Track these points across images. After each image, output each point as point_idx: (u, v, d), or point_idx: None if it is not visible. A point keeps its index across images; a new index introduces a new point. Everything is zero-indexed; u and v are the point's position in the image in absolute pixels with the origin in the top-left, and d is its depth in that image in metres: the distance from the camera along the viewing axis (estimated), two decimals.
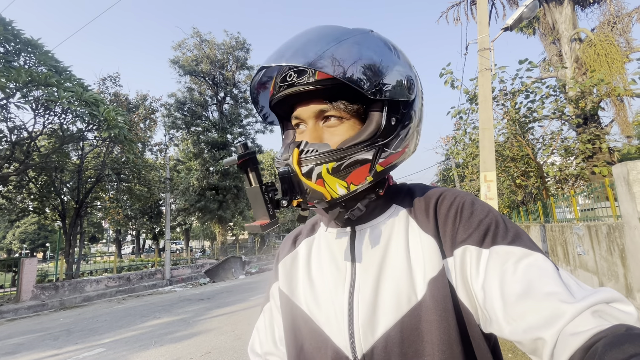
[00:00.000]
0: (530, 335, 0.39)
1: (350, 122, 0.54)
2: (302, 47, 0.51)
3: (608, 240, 4.55)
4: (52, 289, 10.35)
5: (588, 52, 8.29)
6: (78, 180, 12.10)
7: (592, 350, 0.32)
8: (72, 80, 9.02)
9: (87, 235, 31.95)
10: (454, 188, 0.60)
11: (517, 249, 0.46)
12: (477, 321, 0.48)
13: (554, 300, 0.39)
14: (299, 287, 0.61)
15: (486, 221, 0.50)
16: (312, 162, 0.50)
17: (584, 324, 0.36)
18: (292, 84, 0.53)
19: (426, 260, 0.50)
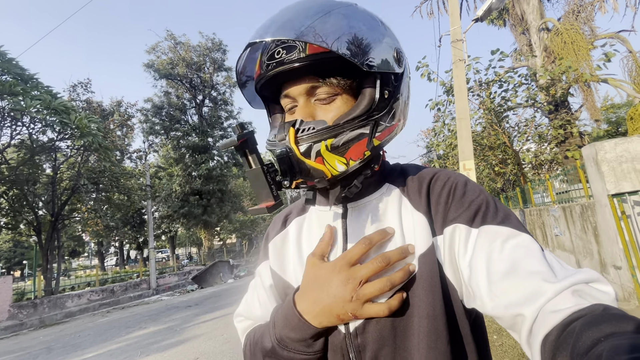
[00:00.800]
0: (511, 311, 0.40)
1: (343, 97, 0.53)
2: (289, 20, 0.48)
3: (582, 219, 4.73)
4: (31, 307, 9.90)
5: (555, 40, 8.59)
6: (52, 193, 11.60)
7: (570, 328, 0.33)
8: (40, 88, 8.64)
9: (66, 249, 30.77)
10: (446, 169, 0.60)
11: (505, 229, 0.47)
12: (460, 297, 0.50)
13: (537, 279, 0.40)
14: (290, 266, 0.60)
15: (477, 201, 0.51)
16: (311, 140, 0.48)
17: (563, 302, 0.37)
18: (282, 61, 0.50)
19: (417, 238, 0.51)
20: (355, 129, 0.50)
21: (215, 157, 21.73)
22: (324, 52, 0.49)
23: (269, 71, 0.51)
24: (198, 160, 20.25)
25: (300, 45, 0.49)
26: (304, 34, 0.46)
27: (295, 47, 0.50)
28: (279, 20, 0.49)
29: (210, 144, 21.37)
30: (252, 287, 0.70)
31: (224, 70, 22.65)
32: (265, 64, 0.52)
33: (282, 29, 0.47)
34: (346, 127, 0.49)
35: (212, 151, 21.51)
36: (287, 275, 0.60)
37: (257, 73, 0.55)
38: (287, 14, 0.50)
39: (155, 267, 14.24)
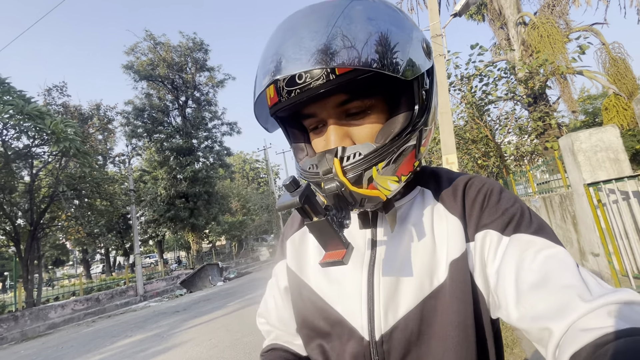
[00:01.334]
0: (538, 325, 0.38)
1: (377, 108, 0.48)
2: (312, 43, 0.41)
3: (561, 209, 4.84)
4: (11, 320, 9.55)
5: (532, 34, 8.77)
6: (31, 201, 11.19)
7: (604, 350, 0.30)
8: (12, 93, 8.30)
9: (49, 258, 29.84)
10: (480, 175, 0.58)
11: (539, 240, 0.45)
12: (487, 306, 0.49)
13: (570, 293, 0.38)
14: (309, 265, 0.58)
15: (512, 210, 0.49)
16: (361, 168, 0.44)
17: (597, 321, 0.34)
18: (308, 86, 0.43)
19: (450, 242, 0.49)
20: (404, 143, 0.46)
21: (200, 159, 21.40)
22: (354, 71, 0.43)
23: (293, 99, 0.45)
24: (183, 162, 19.89)
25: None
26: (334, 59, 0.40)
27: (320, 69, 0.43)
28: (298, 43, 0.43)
29: (195, 145, 21.02)
30: (269, 287, 0.70)
31: (206, 70, 22.28)
32: (285, 91, 0.45)
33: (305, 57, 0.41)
34: (395, 144, 0.45)
35: (197, 153, 21.16)
36: (304, 274, 0.59)
37: (274, 100, 0.48)
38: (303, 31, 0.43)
39: (142, 273, 13.95)
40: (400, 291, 0.49)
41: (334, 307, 0.53)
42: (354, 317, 0.50)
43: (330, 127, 0.48)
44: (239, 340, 4.72)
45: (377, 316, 0.49)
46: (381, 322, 0.49)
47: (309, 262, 0.59)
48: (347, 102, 0.47)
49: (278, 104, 0.48)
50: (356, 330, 0.50)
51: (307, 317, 0.56)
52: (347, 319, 0.51)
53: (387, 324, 0.48)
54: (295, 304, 0.60)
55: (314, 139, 0.53)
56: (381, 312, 0.49)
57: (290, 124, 0.56)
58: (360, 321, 0.50)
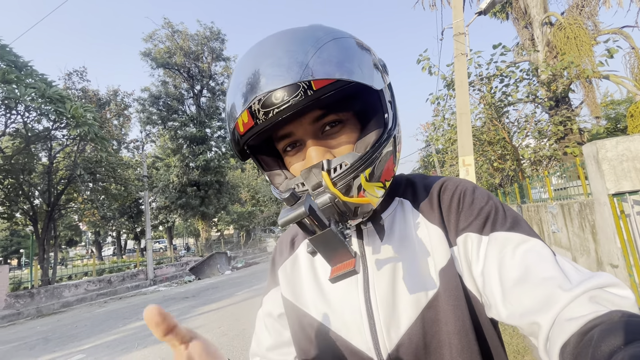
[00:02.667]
0: (526, 320, 0.40)
1: (351, 121, 0.51)
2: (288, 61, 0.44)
3: (580, 217, 4.73)
4: (28, 296, 9.92)
5: (558, 35, 8.49)
6: (48, 182, 11.51)
7: (589, 336, 0.32)
8: (34, 76, 8.49)
9: (63, 238, 30.73)
10: (454, 177, 0.59)
11: (515, 235, 0.46)
12: (483, 307, 0.49)
13: (551, 285, 0.39)
14: (305, 292, 0.57)
15: (486, 209, 0.50)
16: (349, 177, 0.45)
17: (580, 309, 0.35)
18: (287, 103, 0.44)
19: (435, 251, 0.50)
20: (383, 149, 0.48)
21: (213, 148, 21.60)
22: (331, 84, 0.45)
23: (272, 119, 0.45)
24: (196, 151, 20.11)
25: (304, 84, 0.44)
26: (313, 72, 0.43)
27: (297, 86, 0.44)
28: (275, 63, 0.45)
29: (208, 134, 21.20)
30: (259, 318, 0.68)
31: (222, 60, 22.34)
32: (262, 112, 0.45)
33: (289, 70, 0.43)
34: (376, 151, 0.47)
35: (210, 142, 21.35)
36: (301, 302, 0.57)
37: (248, 125, 0.48)
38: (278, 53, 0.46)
39: (152, 257, 14.26)
40: (398, 307, 0.49)
41: (337, 333, 0.52)
42: (358, 340, 0.50)
43: (309, 144, 0.50)
44: (247, 330, 4.80)
45: (380, 335, 0.49)
46: (385, 340, 0.48)
47: (303, 289, 0.58)
48: (323, 117, 0.49)
49: (254, 127, 0.48)
50: (363, 353, 0.49)
51: (310, 347, 0.55)
52: (352, 343, 0.51)
53: (392, 342, 0.48)
54: (294, 335, 0.59)
55: (291, 161, 0.53)
56: (383, 330, 0.49)
57: (261, 152, 0.56)
58: (365, 343, 0.49)
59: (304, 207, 0.38)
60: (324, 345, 0.53)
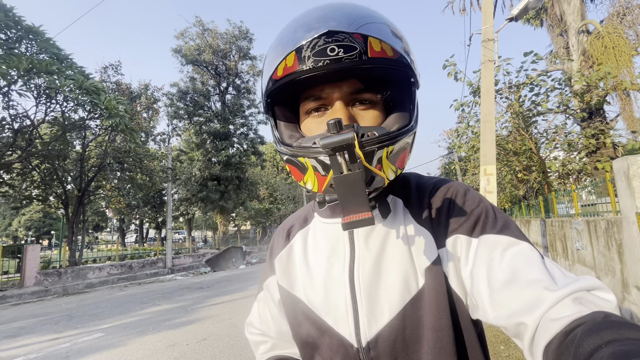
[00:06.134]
0: (513, 321, 0.40)
1: (379, 105, 0.53)
2: (359, 18, 0.45)
3: (606, 235, 4.51)
4: (55, 275, 10.52)
5: (595, 44, 8.11)
6: (80, 169, 12.17)
7: (572, 335, 0.32)
8: (74, 68, 9.00)
9: (90, 223, 32.30)
10: (447, 178, 0.60)
11: (504, 238, 0.47)
12: (466, 308, 0.50)
13: (537, 287, 0.40)
14: (298, 280, 0.60)
15: (477, 211, 0.51)
16: (375, 146, 0.46)
17: (564, 310, 0.36)
18: (339, 59, 0.44)
19: (422, 251, 0.51)
20: (406, 137, 0.50)
21: (235, 145, 22.07)
22: (385, 59, 0.47)
23: (319, 69, 0.45)
24: (219, 146, 20.63)
25: (362, 46, 0.45)
26: (382, 34, 0.45)
27: (354, 47, 0.44)
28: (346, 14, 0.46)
29: (232, 131, 21.68)
30: (262, 301, 0.70)
31: (249, 58, 22.79)
32: (312, 60, 0.45)
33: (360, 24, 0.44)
34: (401, 135, 0.49)
35: (233, 139, 21.83)
36: (295, 290, 0.60)
37: (291, 68, 0.47)
38: (348, 10, 0.47)
39: (171, 247, 14.75)
40: (381, 300, 0.50)
41: (323, 319, 0.54)
42: (342, 327, 0.52)
43: (337, 104, 0.50)
44: None
45: (362, 325, 0.50)
46: (366, 330, 0.50)
47: (297, 277, 0.60)
48: (360, 91, 0.51)
49: (295, 73, 0.47)
50: (345, 339, 0.51)
51: (302, 331, 0.58)
52: (336, 329, 0.53)
53: (372, 332, 0.50)
54: (289, 319, 0.62)
55: (311, 124, 0.53)
56: (365, 320, 0.50)
57: (282, 106, 0.57)
58: (348, 330, 0.51)
59: (352, 134, 0.37)
60: (312, 328, 0.56)
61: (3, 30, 7.92)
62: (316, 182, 0.50)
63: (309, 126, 0.54)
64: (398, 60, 0.48)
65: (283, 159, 0.54)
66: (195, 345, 4.15)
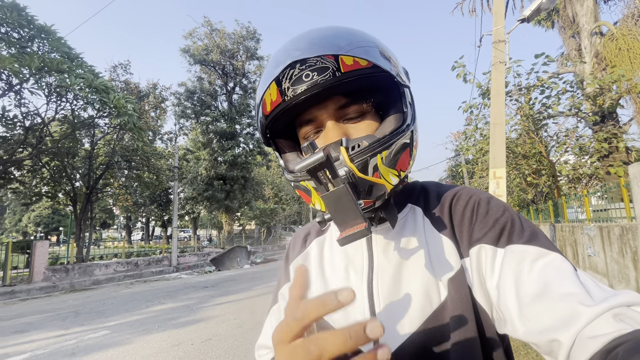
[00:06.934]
0: (545, 337, 0.38)
1: (370, 114, 0.53)
2: (322, 39, 0.48)
3: (620, 242, 4.41)
4: (63, 271, 10.63)
5: (609, 46, 7.96)
6: (89, 166, 12.31)
7: (612, 355, 0.30)
8: (84, 67, 9.11)
9: (98, 220, 32.68)
10: (468, 186, 0.58)
11: (533, 249, 0.45)
12: (492, 321, 0.48)
13: (572, 301, 0.37)
14: (312, 289, 0.59)
15: (502, 220, 0.49)
16: (366, 155, 0.46)
17: (603, 327, 0.34)
18: (315, 83, 0.48)
19: (445, 261, 0.50)
20: (401, 138, 0.49)
21: (241, 145, 22.16)
22: (359, 70, 0.48)
23: (299, 96, 0.48)
24: (225, 146, 20.71)
25: (333, 65, 0.47)
26: (347, 49, 0.46)
27: (327, 67, 0.47)
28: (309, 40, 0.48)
29: (238, 131, 21.77)
30: (275, 314, 0.67)
31: (256, 59, 22.86)
32: (291, 90, 0.49)
33: (323, 46, 0.46)
34: (394, 137, 0.49)
35: (239, 138, 21.90)
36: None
37: (276, 102, 0.51)
38: (312, 36, 0.49)
39: (177, 245, 14.83)
40: (401, 313, 0.49)
41: None
42: None
43: (329, 125, 0.52)
44: (262, 323, 4.87)
45: (382, 338, 0.48)
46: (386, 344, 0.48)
47: (312, 285, 0.59)
48: (346, 105, 0.52)
49: (281, 104, 0.51)
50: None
51: None
52: None
53: (392, 347, 0.48)
54: None
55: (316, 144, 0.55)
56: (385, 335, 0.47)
57: (281, 137, 0.59)
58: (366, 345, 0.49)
59: (322, 153, 0.37)
60: None
61: (16, 30, 8.05)
62: (322, 202, 0.49)
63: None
64: (374, 67, 0.48)
65: (292, 186, 0.56)
66: (200, 345, 4.14)
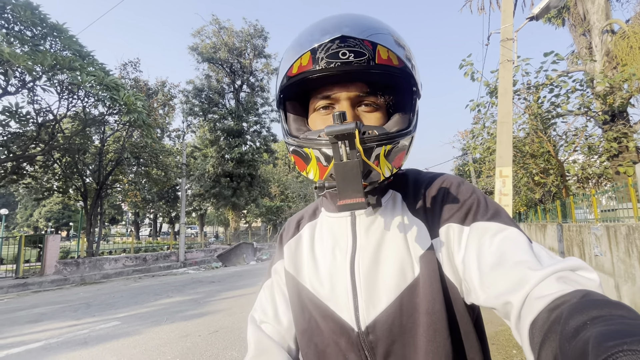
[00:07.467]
0: (500, 301, 0.42)
1: (382, 109, 0.57)
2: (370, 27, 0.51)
3: (627, 241, 4.38)
4: (74, 265, 10.87)
5: (620, 44, 7.83)
6: (99, 163, 12.53)
7: (557, 313, 0.33)
8: (95, 65, 9.26)
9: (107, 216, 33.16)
10: (443, 172, 0.63)
11: (494, 225, 0.50)
12: (461, 294, 0.52)
13: (522, 267, 0.42)
14: (304, 268, 0.63)
15: (469, 201, 0.54)
16: (374, 143, 0.51)
17: (548, 288, 0.38)
18: (349, 62, 0.50)
19: (418, 240, 0.54)
20: (403, 139, 0.54)
21: (248, 142, 22.29)
22: (390, 66, 0.52)
23: (330, 70, 0.51)
24: (232, 143, 20.87)
25: (370, 53, 0.50)
26: (391, 44, 0.50)
27: (364, 53, 0.50)
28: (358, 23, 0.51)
29: (245, 128, 21.91)
30: (268, 287, 0.71)
31: (264, 57, 22.95)
32: (325, 61, 0.50)
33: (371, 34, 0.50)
34: (399, 136, 0.53)
35: (246, 136, 22.05)
36: (300, 276, 0.63)
37: (305, 67, 0.52)
38: (359, 20, 0.53)
39: (184, 241, 15.03)
40: (379, 288, 0.53)
41: (326, 304, 0.57)
42: (343, 312, 0.55)
43: (345, 104, 0.55)
44: None
45: (362, 310, 0.53)
46: (365, 315, 0.53)
47: (303, 265, 0.64)
48: (366, 94, 0.55)
49: (309, 71, 0.52)
50: (347, 323, 0.54)
51: (304, 315, 0.61)
52: (338, 314, 0.56)
53: (370, 317, 0.53)
54: (292, 304, 0.64)
55: (317, 120, 0.58)
56: (364, 306, 0.53)
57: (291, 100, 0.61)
58: (349, 315, 0.55)
59: (354, 124, 0.41)
60: (315, 313, 0.59)
61: (29, 28, 8.22)
62: (317, 171, 0.54)
63: (315, 121, 0.58)
64: (402, 69, 0.52)
65: (289, 150, 0.59)
66: (207, 337, 4.24)
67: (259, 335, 0.65)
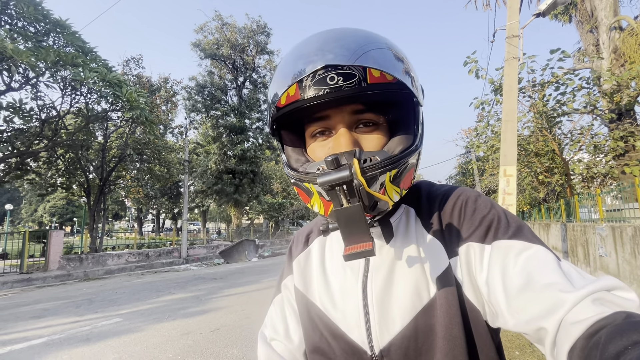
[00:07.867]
0: (532, 326, 0.40)
1: (382, 127, 0.53)
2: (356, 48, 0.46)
3: (633, 242, 4.33)
4: (77, 260, 10.95)
5: (629, 42, 7.71)
6: (102, 159, 12.58)
7: (596, 338, 0.32)
8: (98, 61, 9.26)
9: (110, 212, 33.41)
10: (459, 186, 0.60)
11: (517, 243, 0.47)
12: (484, 317, 0.49)
13: (554, 290, 0.39)
14: (314, 285, 0.61)
15: (489, 217, 0.50)
16: (377, 171, 0.47)
17: (584, 311, 0.35)
18: (339, 87, 0.46)
19: (433, 260, 0.51)
20: (410, 158, 0.50)
21: (250, 139, 22.29)
22: (384, 84, 0.48)
23: (319, 98, 0.47)
24: (234, 140, 20.87)
25: (361, 74, 0.46)
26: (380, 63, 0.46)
27: (354, 75, 0.46)
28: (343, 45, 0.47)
29: (247, 125, 21.89)
30: (279, 303, 0.68)
31: (266, 53, 22.86)
32: (313, 89, 0.46)
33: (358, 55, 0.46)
34: (405, 157, 0.49)
35: (248, 133, 22.03)
36: (310, 293, 0.62)
37: (293, 98, 0.49)
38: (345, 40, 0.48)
39: (187, 238, 15.09)
40: (393, 309, 0.51)
41: (337, 324, 0.55)
42: (355, 333, 0.53)
43: (341, 131, 0.51)
44: None
45: (374, 333, 0.51)
46: (378, 338, 0.51)
47: (312, 282, 0.62)
48: (362, 112, 0.51)
49: (298, 101, 0.48)
50: (358, 345, 0.52)
51: (315, 334, 0.58)
52: (349, 335, 0.53)
53: (384, 340, 0.50)
54: (302, 322, 0.62)
55: (316, 147, 0.54)
56: (377, 328, 0.51)
57: (289, 130, 0.58)
58: (360, 337, 0.52)
59: (349, 171, 0.38)
60: (325, 333, 0.57)
61: (32, 24, 8.22)
62: (322, 206, 0.51)
63: (314, 150, 0.55)
64: (398, 83, 0.48)
65: (291, 182, 0.56)
66: (209, 335, 4.24)
67: (270, 354, 0.63)
